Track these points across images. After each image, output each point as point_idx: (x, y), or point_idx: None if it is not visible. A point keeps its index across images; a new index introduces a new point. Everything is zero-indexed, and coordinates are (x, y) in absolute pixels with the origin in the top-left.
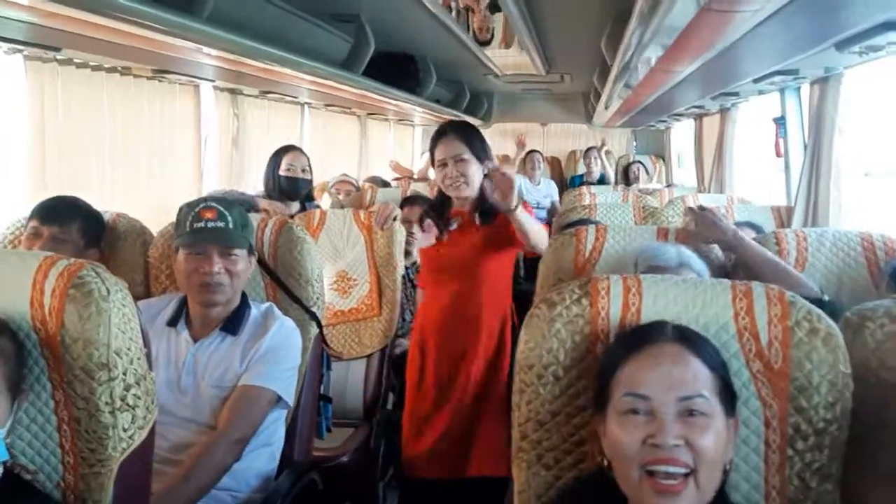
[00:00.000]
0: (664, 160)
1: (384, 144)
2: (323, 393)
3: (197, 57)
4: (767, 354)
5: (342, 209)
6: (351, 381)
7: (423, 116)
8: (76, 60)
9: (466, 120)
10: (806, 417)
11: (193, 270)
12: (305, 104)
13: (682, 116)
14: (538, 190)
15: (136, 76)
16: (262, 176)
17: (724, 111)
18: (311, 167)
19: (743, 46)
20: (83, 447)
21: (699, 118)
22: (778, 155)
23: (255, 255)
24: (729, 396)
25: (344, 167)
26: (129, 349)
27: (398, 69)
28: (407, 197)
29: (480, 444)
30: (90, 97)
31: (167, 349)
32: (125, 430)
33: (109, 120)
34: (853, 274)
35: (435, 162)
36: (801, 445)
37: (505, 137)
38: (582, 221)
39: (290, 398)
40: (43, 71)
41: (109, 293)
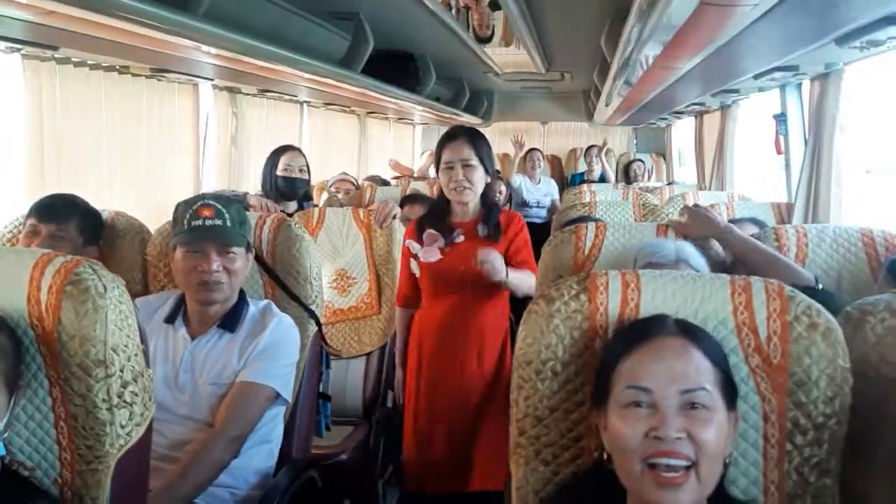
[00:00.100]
0: (665, 158)
1: (384, 143)
2: (322, 391)
3: (195, 55)
4: (766, 349)
5: (341, 208)
6: (350, 379)
7: (422, 115)
8: (74, 59)
9: (467, 119)
10: (805, 412)
11: (192, 268)
12: (305, 103)
13: (682, 114)
14: (538, 188)
15: (134, 75)
16: (261, 175)
17: (724, 108)
18: (308, 167)
19: (742, 42)
20: (80, 444)
21: (700, 115)
22: (778, 152)
23: (252, 252)
24: (730, 390)
25: (343, 166)
26: (126, 346)
27: (397, 67)
28: (406, 195)
29: (482, 458)
30: (88, 96)
31: (165, 346)
32: (122, 426)
33: (108, 119)
34: (853, 269)
35: (441, 163)
36: (799, 440)
37: (505, 136)
38: (582, 219)
39: (288, 395)
40: (41, 70)
41: (106, 290)
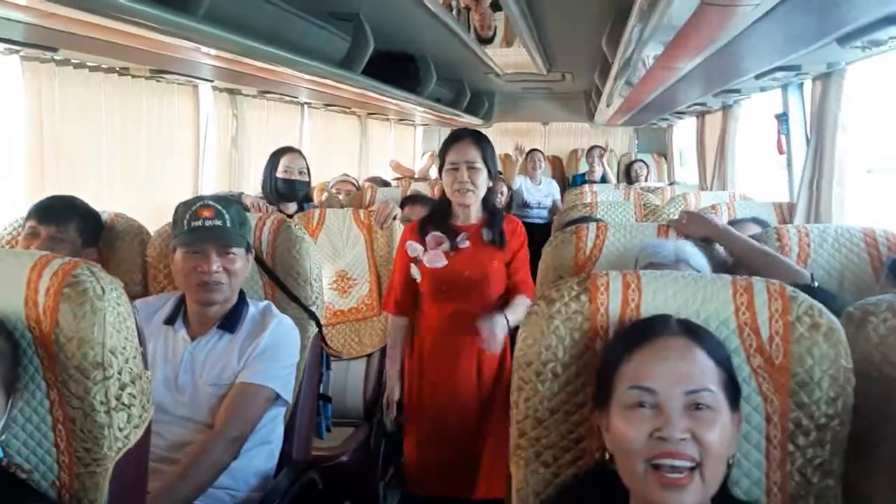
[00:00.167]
0: (666, 158)
1: (385, 144)
2: (322, 392)
3: (195, 57)
4: (768, 350)
5: (341, 208)
6: (351, 380)
7: (423, 116)
8: (73, 61)
9: (468, 120)
10: (807, 413)
11: (191, 269)
12: (305, 104)
13: (684, 114)
14: (539, 189)
15: (134, 76)
16: (261, 176)
17: (726, 108)
18: (308, 169)
19: (744, 42)
20: (78, 446)
21: (701, 116)
22: (780, 152)
23: (252, 253)
24: (734, 390)
25: (344, 167)
26: (124, 348)
27: (398, 68)
28: (407, 196)
29: (485, 463)
30: (88, 97)
31: (164, 347)
32: (121, 429)
33: (107, 120)
34: (855, 269)
35: (445, 164)
36: (802, 441)
37: (506, 137)
38: (583, 219)
39: (288, 396)
40: (40, 71)
41: (104, 292)
